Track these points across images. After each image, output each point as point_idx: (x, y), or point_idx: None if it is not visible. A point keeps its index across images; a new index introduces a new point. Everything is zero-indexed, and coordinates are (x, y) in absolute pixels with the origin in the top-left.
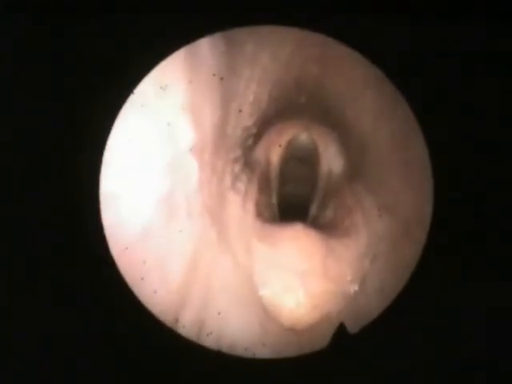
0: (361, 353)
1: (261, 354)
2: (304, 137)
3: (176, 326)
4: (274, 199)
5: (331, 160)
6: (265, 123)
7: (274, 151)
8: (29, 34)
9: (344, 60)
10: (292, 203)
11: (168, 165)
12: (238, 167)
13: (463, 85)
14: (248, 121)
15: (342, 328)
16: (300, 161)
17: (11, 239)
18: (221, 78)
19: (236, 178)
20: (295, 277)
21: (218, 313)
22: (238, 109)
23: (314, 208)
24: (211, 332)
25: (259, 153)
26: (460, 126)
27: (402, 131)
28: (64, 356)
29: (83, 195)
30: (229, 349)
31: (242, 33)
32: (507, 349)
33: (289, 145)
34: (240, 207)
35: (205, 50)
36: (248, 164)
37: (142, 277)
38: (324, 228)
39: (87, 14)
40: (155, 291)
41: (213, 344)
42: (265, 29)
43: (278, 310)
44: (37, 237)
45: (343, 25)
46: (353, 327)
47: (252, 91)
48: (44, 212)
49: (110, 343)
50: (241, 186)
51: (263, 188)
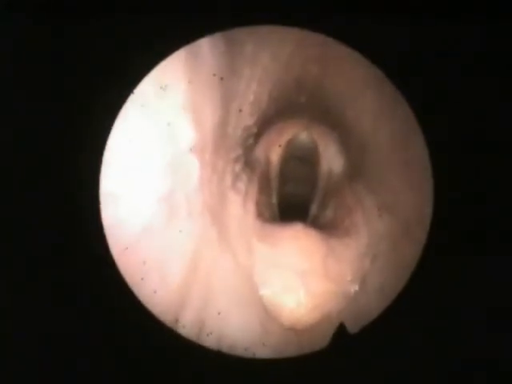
0: (361, 353)
1: (261, 354)
2: (304, 136)
3: (176, 326)
4: (274, 199)
5: (331, 160)
6: (265, 123)
7: (274, 151)
8: (29, 34)
9: (344, 60)
10: (292, 203)
11: (168, 165)
12: (239, 167)
13: (463, 85)
14: (248, 120)
15: (342, 328)
16: (300, 160)
17: (11, 239)
18: (221, 78)
19: (236, 178)
20: (295, 277)
21: (218, 313)
22: (239, 108)
23: (314, 208)
24: (211, 332)
25: (259, 152)
26: (460, 126)
27: (402, 131)
28: (64, 356)
29: (83, 195)
30: (229, 349)
31: (242, 33)
32: (507, 349)
33: (289, 144)
34: (240, 207)
35: (205, 50)
36: (248, 163)
37: (142, 277)
38: (324, 228)
39: (87, 14)
40: (155, 291)
41: (213, 344)
42: (265, 29)
43: (279, 310)
44: (37, 237)
45: (343, 25)
46: (353, 327)
47: (252, 91)
48: (44, 212)
49: (110, 343)
50: (241, 186)
51: (263, 188)
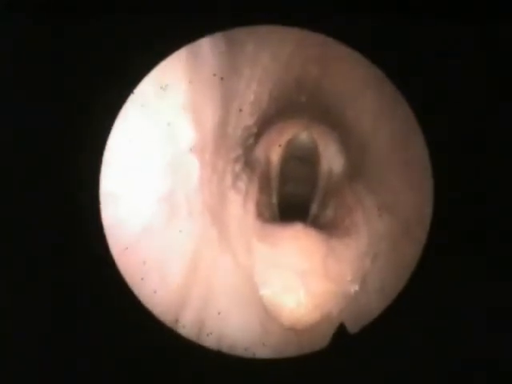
0: (361, 353)
1: (261, 354)
2: (304, 136)
3: (176, 326)
4: (274, 199)
5: (331, 159)
6: (265, 123)
7: (274, 151)
8: (29, 34)
9: (344, 60)
10: (292, 203)
11: (168, 164)
12: (239, 166)
13: (463, 85)
14: (249, 120)
15: (343, 328)
16: (300, 160)
17: (11, 239)
18: (221, 78)
19: (237, 178)
20: (295, 276)
21: (218, 313)
22: (239, 108)
23: (315, 207)
24: (211, 332)
25: (259, 152)
26: (460, 126)
27: (402, 131)
28: (64, 356)
29: (83, 195)
30: (229, 349)
31: (243, 32)
32: (507, 349)
33: (289, 144)
34: (241, 207)
35: (205, 50)
36: (248, 163)
37: (142, 277)
38: (324, 228)
39: (87, 14)
40: (155, 291)
41: (213, 344)
42: (265, 29)
43: (279, 310)
44: (37, 237)
45: (343, 25)
46: (353, 327)
47: (252, 91)
48: (44, 212)
49: (110, 343)
50: (241, 186)
51: (263, 187)
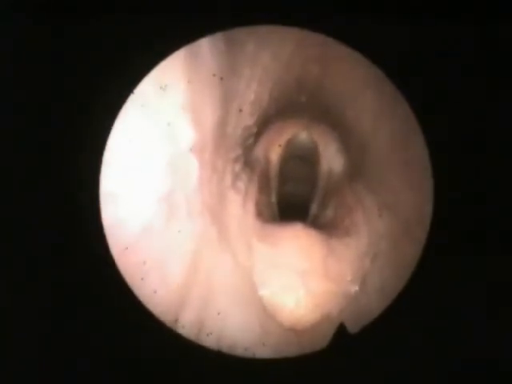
0: (361, 353)
1: (261, 354)
2: (304, 136)
3: (176, 326)
4: (274, 198)
5: (331, 159)
6: (265, 122)
7: (274, 150)
8: (29, 34)
9: (344, 60)
10: (292, 203)
11: (168, 164)
12: (239, 166)
13: (463, 85)
14: (248, 120)
15: (343, 328)
16: (300, 160)
17: (11, 239)
18: (221, 78)
19: (236, 177)
20: (295, 276)
21: (218, 313)
22: (239, 108)
23: (315, 207)
24: (211, 332)
25: (259, 152)
26: (460, 126)
27: (402, 131)
28: (64, 356)
29: (83, 195)
30: (229, 349)
31: (242, 32)
32: (507, 349)
33: (288, 144)
34: (240, 206)
35: (205, 50)
36: (248, 163)
37: (142, 277)
38: (324, 227)
39: (87, 14)
40: (155, 291)
41: (213, 344)
42: (265, 29)
43: (279, 310)
44: (37, 237)
45: (343, 25)
46: (353, 327)
47: (253, 90)
48: (44, 212)
49: (110, 343)
50: (241, 185)
51: (263, 187)
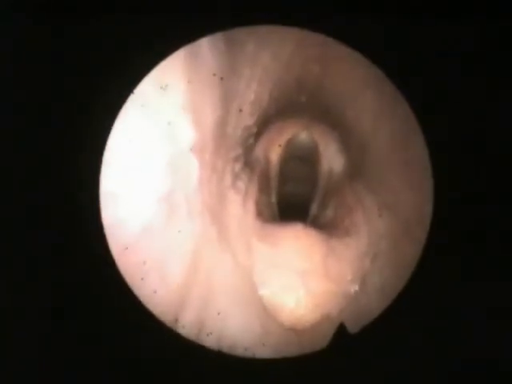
0: (361, 353)
1: (261, 354)
2: (304, 136)
3: (176, 326)
4: (274, 198)
5: (332, 159)
6: (265, 122)
7: (274, 150)
8: (29, 34)
9: (344, 60)
10: (292, 203)
11: (168, 164)
12: (239, 166)
13: (463, 85)
14: (249, 120)
15: (343, 328)
16: (300, 160)
17: (11, 239)
18: (221, 78)
19: (236, 177)
20: (296, 276)
21: (218, 313)
22: (239, 108)
23: (315, 207)
24: (211, 332)
25: (259, 152)
26: (460, 126)
27: (402, 131)
28: (64, 356)
29: (83, 195)
30: (229, 349)
31: (243, 32)
32: (507, 349)
33: (288, 144)
34: (240, 206)
35: (205, 50)
36: (248, 163)
37: (142, 277)
38: (324, 227)
39: (87, 14)
40: (155, 291)
41: (213, 344)
42: (265, 29)
43: (279, 310)
44: (37, 237)
45: (343, 25)
46: (353, 327)
47: (253, 90)
48: (44, 212)
49: (111, 343)
50: (241, 185)
51: (263, 187)
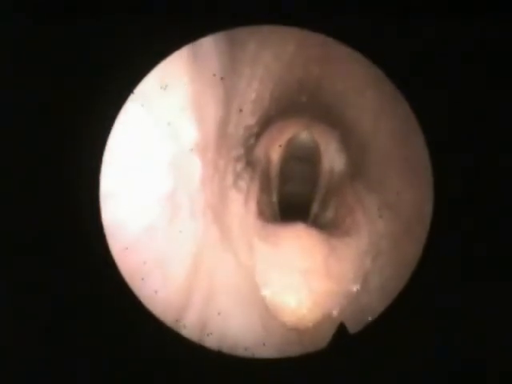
0: (361, 353)
1: (262, 354)
2: (305, 135)
3: (177, 326)
4: (275, 198)
5: (332, 158)
6: (266, 122)
7: (275, 150)
8: (29, 34)
9: (344, 60)
10: (293, 202)
11: (170, 164)
12: (240, 166)
13: (463, 85)
14: (250, 120)
15: (343, 327)
16: (301, 160)
17: (11, 239)
18: (221, 78)
19: (238, 177)
20: (297, 276)
21: (219, 313)
22: (240, 108)
23: (316, 207)
24: (212, 332)
25: (260, 151)
26: (460, 126)
27: (402, 131)
28: (64, 356)
29: (83, 195)
30: (230, 349)
31: (244, 32)
32: (507, 349)
33: (289, 143)
34: (242, 206)
35: (206, 49)
36: (250, 163)
37: (143, 277)
38: (325, 227)
39: (87, 14)
40: (156, 291)
41: (214, 344)
42: (266, 28)
43: (280, 310)
44: (37, 237)
45: (343, 25)
46: (354, 326)
47: (254, 89)
48: (44, 212)
49: (110, 343)
50: (243, 185)
51: (264, 187)
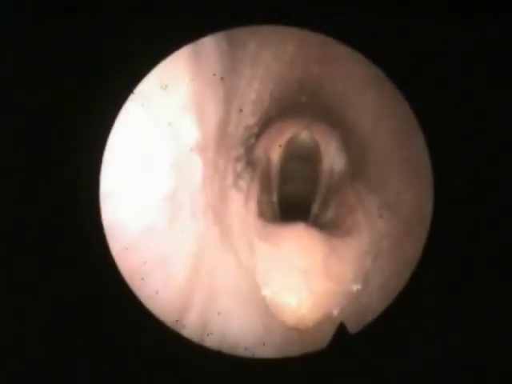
0: (361, 353)
1: (263, 354)
2: (305, 135)
3: (177, 326)
4: (275, 198)
5: (333, 158)
6: (266, 122)
7: (275, 150)
8: (29, 34)
9: (344, 60)
10: (293, 202)
11: (170, 164)
12: (241, 166)
13: (463, 85)
14: (250, 120)
15: (343, 327)
16: (301, 159)
17: (11, 239)
18: (221, 78)
19: (238, 177)
20: (297, 276)
21: (220, 313)
22: (240, 108)
23: (316, 207)
24: (212, 332)
25: (260, 151)
26: (460, 126)
27: (402, 130)
28: (64, 356)
29: (83, 195)
30: (230, 349)
31: (244, 32)
32: (507, 349)
33: (289, 143)
34: (242, 205)
35: (207, 49)
36: (250, 162)
37: (143, 277)
38: (325, 227)
39: (87, 14)
40: (156, 292)
41: (214, 344)
42: (266, 28)
43: (281, 310)
44: (37, 237)
45: (343, 25)
46: (354, 326)
47: (254, 89)
48: (44, 212)
49: (110, 343)
50: (243, 185)
51: (264, 187)
